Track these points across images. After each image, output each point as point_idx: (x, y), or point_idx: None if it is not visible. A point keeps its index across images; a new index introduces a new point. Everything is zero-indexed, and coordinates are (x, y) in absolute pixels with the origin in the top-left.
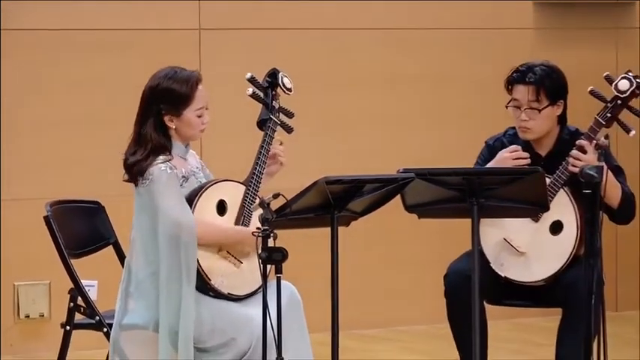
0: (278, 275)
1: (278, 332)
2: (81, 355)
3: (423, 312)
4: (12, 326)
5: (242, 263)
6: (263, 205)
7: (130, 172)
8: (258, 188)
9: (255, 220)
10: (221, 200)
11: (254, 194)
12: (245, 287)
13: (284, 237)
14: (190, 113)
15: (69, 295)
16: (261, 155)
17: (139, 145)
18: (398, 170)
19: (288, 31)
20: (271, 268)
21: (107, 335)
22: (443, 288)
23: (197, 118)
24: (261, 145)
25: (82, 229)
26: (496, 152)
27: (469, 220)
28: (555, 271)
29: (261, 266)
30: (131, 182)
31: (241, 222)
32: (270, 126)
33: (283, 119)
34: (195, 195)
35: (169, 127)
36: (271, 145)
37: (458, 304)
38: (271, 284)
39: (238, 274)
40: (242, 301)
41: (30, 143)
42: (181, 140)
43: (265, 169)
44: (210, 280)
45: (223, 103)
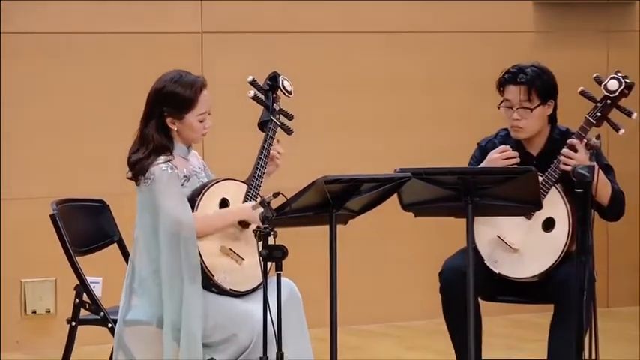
0: (278, 272)
1: (278, 328)
2: (86, 350)
3: (421, 307)
4: (19, 322)
5: (244, 260)
6: (263, 204)
7: (133, 170)
8: (259, 188)
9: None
10: (223, 199)
11: (255, 193)
12: (246, 283)
13: (284, 235)
14: (192, 117)
15: (74, 292)
16: (262, 156)
17: (142, 144)
18: (395, 170)
19: (288, 35)
20: (271, 265)
21: (112, 330)
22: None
23: (199, 123)
24: (262, 146)
25: (88, 227)
26: (487, 153)
27: (464, 219)
28: (548, 267)
29: (261, 263)
30: (134, 180)
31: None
32: (270, 127)
33: (283, 121)
34: (198, 193)
35: (171, 129)
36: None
37: (453, 301)
38: (271, 281)
39: (240, 271)
40: (243, 298)
41: (33, 144)
42: (183, 142)
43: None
44: (213, 276)
45: (225, 105)
